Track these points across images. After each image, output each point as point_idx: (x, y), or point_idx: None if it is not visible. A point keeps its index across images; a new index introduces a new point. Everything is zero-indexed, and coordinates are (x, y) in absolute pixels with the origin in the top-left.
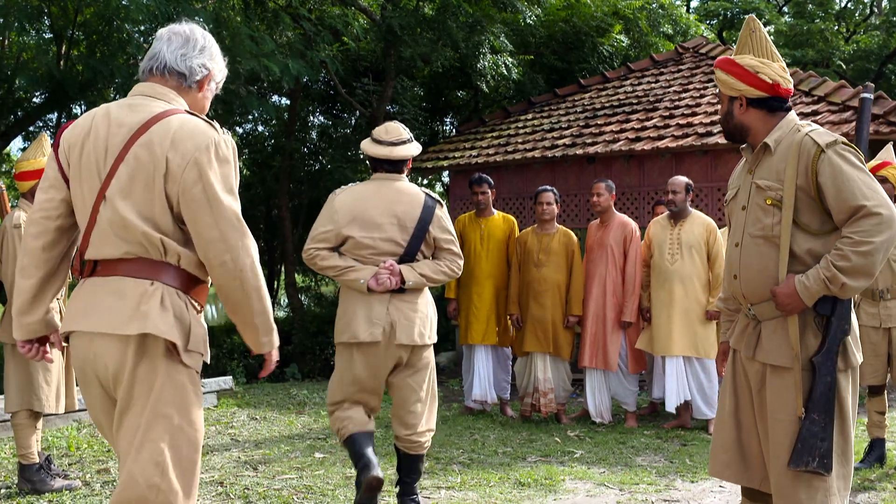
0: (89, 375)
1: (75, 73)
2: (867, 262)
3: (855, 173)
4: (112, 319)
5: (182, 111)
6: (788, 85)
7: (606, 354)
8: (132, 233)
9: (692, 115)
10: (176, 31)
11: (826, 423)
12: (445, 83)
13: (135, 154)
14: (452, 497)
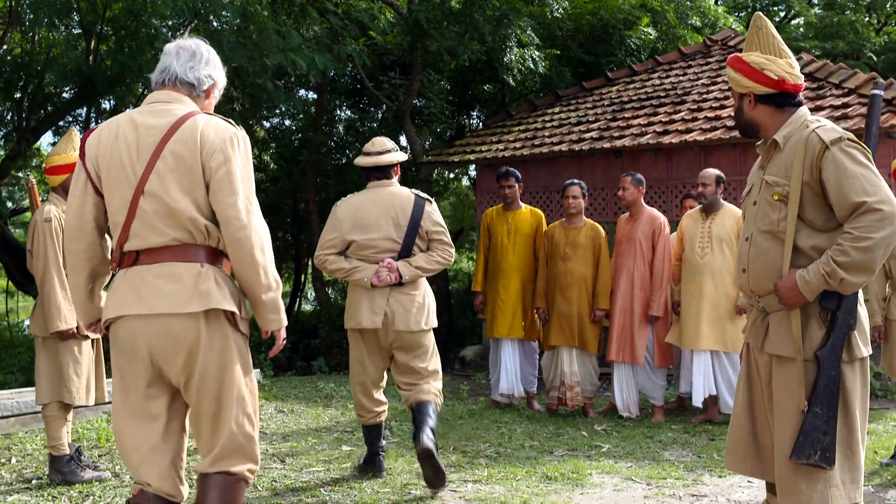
0: (141, 354)
1: (104, 69)
2: (867, 257)
3: (858, 170)
4: (174, 301)
5: (201, 112)
6: (796, 81)
7: (634, 348)
8: (180, 220)
9: (720, 108)
10: (183, 46)
11: (829, 416)
12: (472, 77)
13: (171, 150)
14: (479, 490)
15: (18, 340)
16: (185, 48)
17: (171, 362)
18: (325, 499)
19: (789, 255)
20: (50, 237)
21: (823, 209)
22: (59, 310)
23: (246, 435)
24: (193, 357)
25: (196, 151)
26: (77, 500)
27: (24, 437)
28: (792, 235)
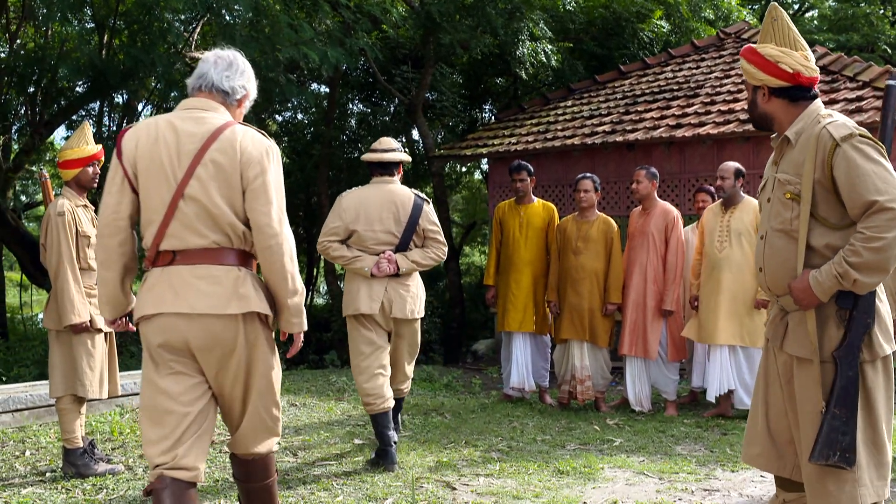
0: (178, 348)
1: (117, 63)
2: (880, 257)
3: (870, 167)
4: (214, 302)
5: (237, 123)
6: (812, 74)
7: (646, 343)
8: (220, 224)
9: (734, 101)
10: (221, 55)
11: (848, 417)
12: (484, 70)
13: (211, 158)
14: (491, 484)
15: (32, 334)
16: (223, 58)
17: (208, 356)
18: (338, 492)
19: (803, 255)
20: (63, 231)
21: (837, 207)
22: (72, 303)
23: (273, 418)
24: (230, 352)
25: (236, 161)
26: (90, 492)
27: (38, 430)
28: (805, 235)
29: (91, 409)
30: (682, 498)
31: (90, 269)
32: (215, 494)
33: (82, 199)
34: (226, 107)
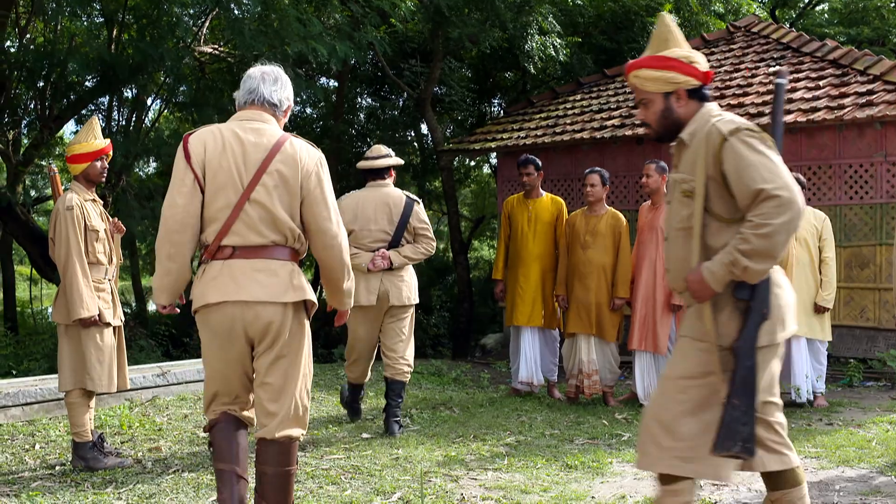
0: (238, 334)
1: (125, 57)
2: (767, 244)
3: (757, 158)
4: (271, 291)
5: (291, 136)
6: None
7: (656, 337)
8: (280, 226)
9: (743, 95)
10: (266, 71)
11: (747, 407)
12: (493, 64)
13: (276, 169)
14: (499, 479)
15: (42, 327)
16: (269, 73)
17: (261, 339)
18: (346, 487)
19: (697, 249)
20: (72, 225)
21: (729, 201)
22: (81, 297)
23: (304, 407)
24: (279, 337)
25: (297, 173)
26: (99, 486)
27: (47, 424)
28: (699, 230)
29: (100, 403)
30: None
31: (99, 264)
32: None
33: (91, 193)
34: (275, 118)
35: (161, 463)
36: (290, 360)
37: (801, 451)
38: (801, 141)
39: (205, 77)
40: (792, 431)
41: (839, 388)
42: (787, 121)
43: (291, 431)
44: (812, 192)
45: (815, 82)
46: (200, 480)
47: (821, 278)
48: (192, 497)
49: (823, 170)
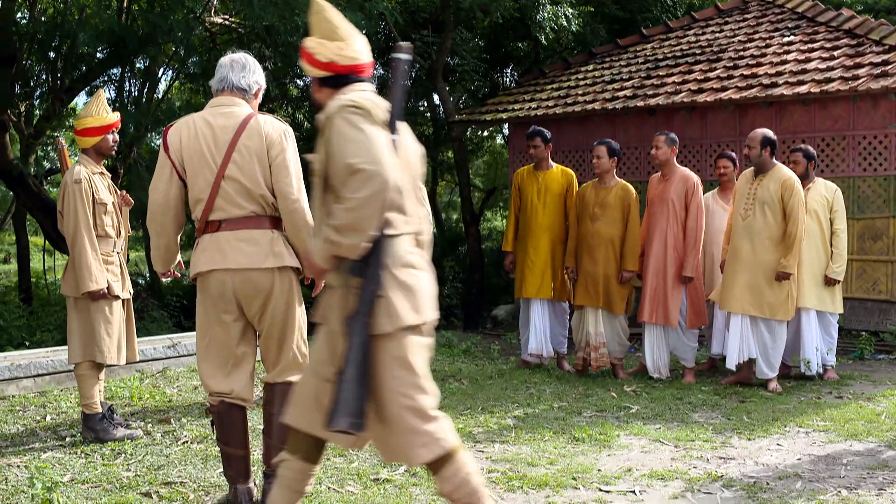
0: (228, 298)
1: (135, 29)
2: (353, 217)
3: (354, 134)
4: (253, 259)
5: (257, 113)
6: (347, 62)
7: (667, 310)
8: (255, 197)
9: (757, 66)
10: (235, 59)
11: (357, 384)
12: (506, 34)
13: (244, 144)
14: (506, 451)
15: (55, 299)
16: (238, 61)
17: (251, 303)
18: (353, 459)
19: (317, 228)
20: (80, 198)
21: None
22: (89, 270)
23: (302, 354)
24: (268, 299)
25: (262, 145)
26: (109, 457)
27: (59, 395)
28: (317, 208)
29: (111, 375)
30: (696, 466)
31: (107, 237)
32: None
33: (99, 166)
34: (245, 101)
35: (170, 434)
36: (282, 318)
37: (809, 425)
38: (815, 112)
39: (216, 48)
40: (801, 404)
41: (850, 360)
42: (801, 91)
43: (292, 377)
44: (825, 163)
45: (830, 52)
46: (209, 452)
47: (832, 250)
48: (200, 468)
49: (837, 141)
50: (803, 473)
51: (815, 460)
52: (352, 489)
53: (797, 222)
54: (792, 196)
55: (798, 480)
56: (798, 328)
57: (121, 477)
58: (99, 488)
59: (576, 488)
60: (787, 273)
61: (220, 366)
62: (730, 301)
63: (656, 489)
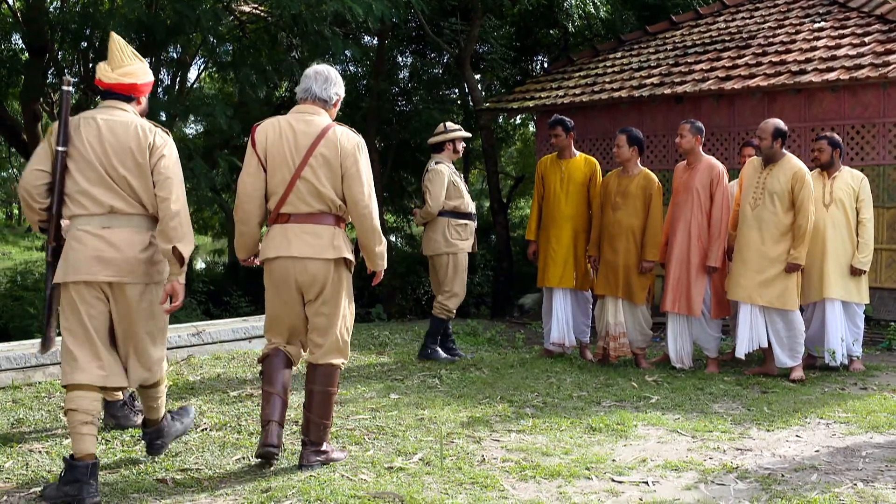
0: (290, 283)
1: (163, 18)
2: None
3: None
4: (315, 249)
5: (335, 123)
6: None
7: (690, 300)
8: (323, 198)
9: (786, 53)
10: (319, 71)
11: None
12: (535, 22)
13: (320, 152)
14: (522, 440)
15: None
16: (321, 73)
17: (309, 288)
18: (368, 447)
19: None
20: None
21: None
22: None
23: (344, 341)
24: (324, 286)
25: (337, 155)
26: (128, 444)
27: None
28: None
29: None
30: (712, 457)
31: None
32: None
33: None
34: (325, 110)
35: None
36: (332, 304)
37: (830, 416)
38: (844, 99)
39: (245, 36)
40: (824, 395)
41: (878, 351)
42: (829, 78)
43: (333, 360)
44: (855, 151)
45: (861, 38)
46: (227, 439)
47: (857, 240)
48: (217, 455)
49: (867, 129)
50: (820, 465)
51: (833, 452)
52: (365, 477)
53: (806, 214)
54: (802, 188)
55: (814, 472)
56: (823, 318)
57: (138, 463)
58: (116, 474)
59: (588, 478)
60: (798, 265)
61: (280, 334)
62: (738, 290)
63: (669, 480)
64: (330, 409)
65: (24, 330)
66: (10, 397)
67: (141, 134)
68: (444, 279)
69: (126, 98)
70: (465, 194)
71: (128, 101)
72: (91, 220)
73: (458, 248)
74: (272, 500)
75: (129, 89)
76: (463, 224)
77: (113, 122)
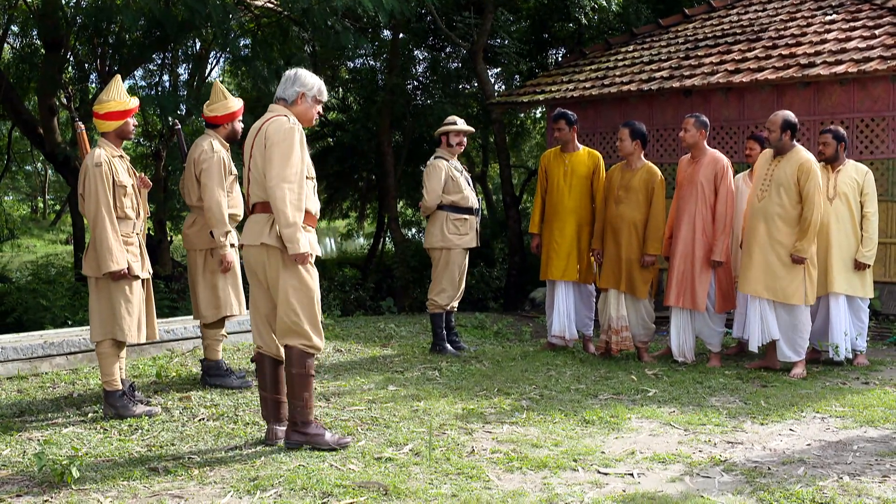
0: (250, 268)
1: (175, 14)
2: None
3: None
4: (253, 237)
5: (276, 116)
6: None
7: (694, 294)
8: (262, 187)
9: (796, 45)
10: (287, 74)
11: None
12: (550, 16)
13: (257, 144)
14: (514, 432)
15: None
16: (287, 76)
17: (256, 274)
18: (360, 437)
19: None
20: (101, 181)
21: None
22: (110, 251)
23: (294, 322)
24: (265, 271)
25: (263, 143)
26: (126, 433)
27: (89, 373)
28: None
29: (142, 353)
30: (701, 450)
31: (127, 218)
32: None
33: (118, 149)
34: (287, 107)
35: (188, 412)
36: (275, 289)
37: (826, 410)
38: (854, 93)
39: (261, 30)
40: (823, 390)
41: (884, 346)
42: (838, 71)
43: (289, 341)
44: (864, 145)
45: (871, 31)
46: (222, 429)
47: (861, 234)
48: (211, 444)
49: (876, 122)
50: (809, 459)
51: (824, 446)
52: (353, 467)
53: (813, 206)
54: (808, 179)
55: (801, 466)
56: (827, 313)
57: (133, 452)
58: (110, 462)
59: (574, 470)
60: (802, 257)
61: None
62: (746, 283)
63: (655, 472)
64: (298, 389)
65: (37, 322)
66: (15, 387)
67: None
68: (435, 273)
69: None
70: (464, 189)
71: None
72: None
73: (453, 244)
74: (259, 488)
75: (211, 120)
76: (462, 219)
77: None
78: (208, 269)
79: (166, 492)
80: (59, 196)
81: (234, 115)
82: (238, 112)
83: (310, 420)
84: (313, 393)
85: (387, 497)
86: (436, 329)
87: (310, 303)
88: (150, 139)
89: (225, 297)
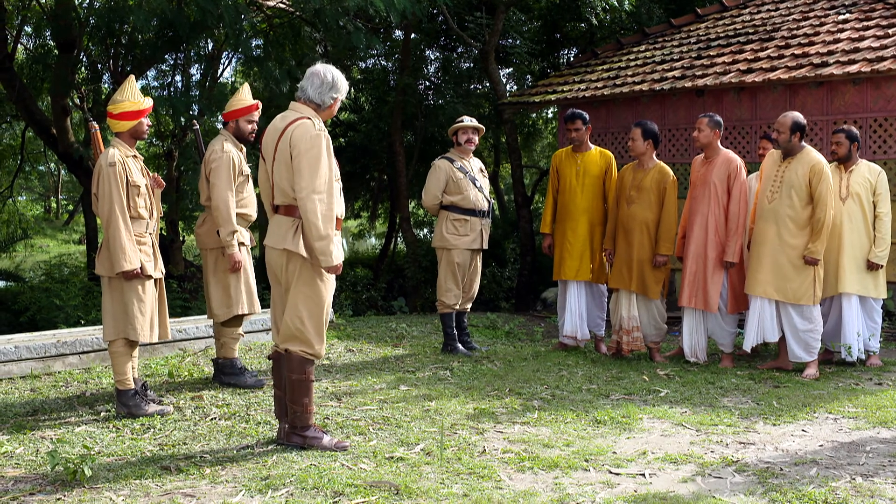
0: (270, 268)
1: (186, 14)
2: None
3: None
4: (275, 240)
5: (302, 118)
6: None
7: (706, 295)
8: (286, 190)
9: (809, 45)
10: (315, 71)
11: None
12: (562, 16)
13: (281, 147)
14: (525, 433)
15: None
16: (318, 74)
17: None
18: (372, 437)
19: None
20: (114, 181)
21: None
22: (123, 251)
23: (298, 329)
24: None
25: (288, 148)
26: (138, 431)
27: (101, 372)
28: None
29: (155, 352)
30: (713, 450)
31: (140, 218)
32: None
33: (132, 149)
34: (316, 111)
35: (200, 411)
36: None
37: (839, 411)
38: (867, 92)
39: (272, 31)
40: (836, 391)
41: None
42: (851, 71)
43: (289, 346)
44: (878, 144)
45: (885, 30)
46: (234, 428)
47: (874, 234)
48: (223, 444)
49: (890, 122)
50: (821, 460)
51: (837, 447)
52: (364, 466)
53: (825, 208)
54: (821, 181)
55: (814, 467)
56: (840, 313)
57: (145, 451)
58: (123, 461)
59: (586, 470)
60: (815, 259)
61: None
62: (754, 284)
63: (667, 472)
64: (298, 395)
65: (50, 321)
66: (28, 386)
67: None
68: (439, 273)
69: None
70: (466, 190)
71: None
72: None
73: (452, 245)
74: (270, 487)
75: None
76: (462, 219)
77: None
78: (220, 269)
79: (178, 490)
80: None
81: (235, 113)
82: (241, 111)
83: (309, 424)
84: (313, 398)
85: (398, 496)
86: (446, 329)
87: (318, 312)
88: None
89: (237, 295)
